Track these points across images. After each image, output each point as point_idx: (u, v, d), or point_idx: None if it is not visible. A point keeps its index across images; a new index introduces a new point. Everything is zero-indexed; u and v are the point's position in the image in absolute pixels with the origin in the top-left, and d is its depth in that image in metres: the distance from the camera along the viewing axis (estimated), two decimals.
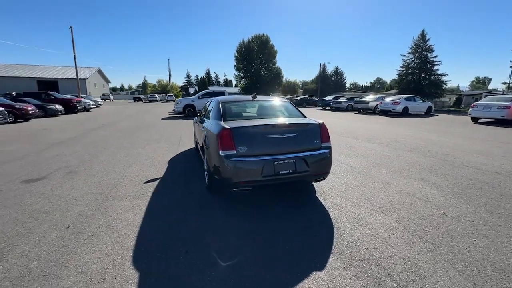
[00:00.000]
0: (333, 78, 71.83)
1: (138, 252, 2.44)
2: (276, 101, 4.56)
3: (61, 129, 11.37)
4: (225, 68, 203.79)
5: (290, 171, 3.23)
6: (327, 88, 62.75)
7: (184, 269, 2.19)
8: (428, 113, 19.35)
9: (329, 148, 3.56)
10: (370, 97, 20.91)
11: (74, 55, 28.84)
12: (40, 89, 41.19)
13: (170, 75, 60.80)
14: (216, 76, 77.75)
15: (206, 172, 3.94)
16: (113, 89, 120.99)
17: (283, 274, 2.14)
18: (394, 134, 9.41)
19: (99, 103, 31.19)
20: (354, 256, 2.35)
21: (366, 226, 2.87)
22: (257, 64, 58.73)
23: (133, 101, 49.83)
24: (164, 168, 5.13)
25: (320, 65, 46.20)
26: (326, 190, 3.96)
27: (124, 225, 2.92)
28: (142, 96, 52.12)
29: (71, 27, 27.97)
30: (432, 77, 33.85)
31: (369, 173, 4.80)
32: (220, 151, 3.10)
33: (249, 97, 4.42)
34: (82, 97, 25.26)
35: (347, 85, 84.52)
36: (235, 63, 59.00)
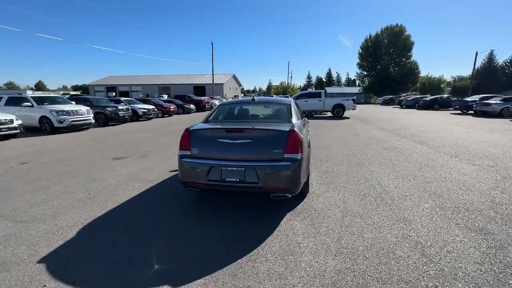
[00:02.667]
0: (506, 71, 51.84)
1: (95, 221, 3.14)
2: (272, 103, 4.17)
3: (181, 123, 14.85)
4: (348, 67, 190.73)
5: (238, 179, 2.99)
6: (493, 85, 46.13)
7: (104, 241, 2.66)
8: None
9: (295, 160, 2.97)
10: None
11: (212, 66, 36.43)
12: (195, 93, 54.35)
13: (291, 77, 64.02)
14: (338, 76, 74.10)
15: None
16: (247, 91, 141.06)
17: (129, 273, 2.17)
18: None
19: None
20: (222, 284, 2.00)
21: (284, 265, 2.28)
22: (385, 59, 51.33)
23: None
24: None
25: (476, 54, 34.09)
26: (307, 210, 3.31)
27: (115, 201, 3.75)
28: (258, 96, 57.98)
29: (212, 43, 35.26)
30: None
31: (397, 203, 3.49)
32: (178, 151, 3.33)
33: (249, 99, 4.30)
34: (211, 98, 31.36)
35: None
36: (358, 61, 54.22)
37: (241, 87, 70.94)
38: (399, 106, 30.53)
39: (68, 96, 16.59)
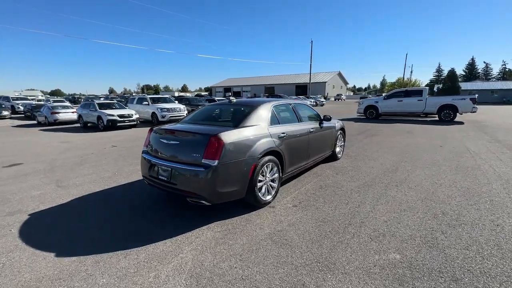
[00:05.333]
0: None
1: (90, 194, 4.08)
2: (243, 106, 3.83)
3: None
4: (506, 55, 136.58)
5: (165, 179, 3.12)
6: None
7: (77, 210, 3.50)
8: None
9: (209, 167, 2.79)
10: None
11: (310, 64, 35.67)
12: (297, 92, 55.31)
13: (411, 72, 53.70)
14: (486, 67, 55.05)
15: None
16: (358, 89, 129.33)
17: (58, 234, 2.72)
18: None
19: (323, 102, 35.97)
20: (79, 265, 2.25)
21: (137, 269, 2.26)
22: None
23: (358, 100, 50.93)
24: None
25: None
26: (237, 222, 3.01)
27: (119, 182, 4.67)
28: (370, 96, 51.56)
29: (311, 41, 34.60)
30: None
31: (353, 242, 2.57)
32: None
33: (226, 101, 4.18)
34: (305, 97, 30.98)
35: None
36: None
37: (347, 85, 65.89)
38: None
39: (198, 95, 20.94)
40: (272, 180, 3.57)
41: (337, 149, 5.79)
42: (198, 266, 2.28)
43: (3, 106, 21.30)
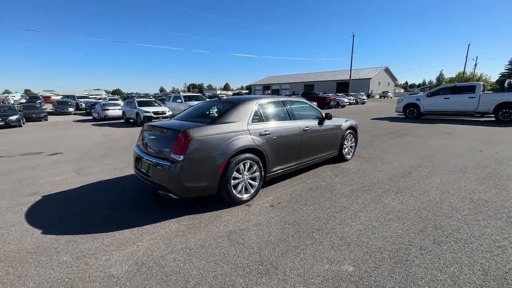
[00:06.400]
0: None
1: (96, 182, 4.55)
2: (228, 103, 3.79)
3: None
4: None
5: (145, 171, 3.31)
6: None
7: (80, 196, 3.96)
8: None
9: (175, 162, 2.88)
10: None
11: (351, 60, 33.68)
12: (338, 89, 52.85)
13: (475, 65, 46.89)
14: None
15: None
16: (410, 86, 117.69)
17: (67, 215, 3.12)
18: None
19: (364, 100, 33.68)
20: (54, 241, 2.55)
21: (77, 255, 2.46)
22: None
23: None
24: None
25: None
26: (206, 217, 3.06)
27: (127, 172, 5.10)
28: (420, 93, 46.51)
29: (353, 35, 32.57)
30: None
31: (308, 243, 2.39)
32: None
33: (216, 99, 4.21)
34: (344, 94, 29.40)
35: None
36: None
37: (395, 82, 60.42)
38: None
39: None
40: (252, 179, 3.51)
41: (345, 150, 5.40)
42: (147, 255, 2.39)
43: (69, 103, 24.84)
